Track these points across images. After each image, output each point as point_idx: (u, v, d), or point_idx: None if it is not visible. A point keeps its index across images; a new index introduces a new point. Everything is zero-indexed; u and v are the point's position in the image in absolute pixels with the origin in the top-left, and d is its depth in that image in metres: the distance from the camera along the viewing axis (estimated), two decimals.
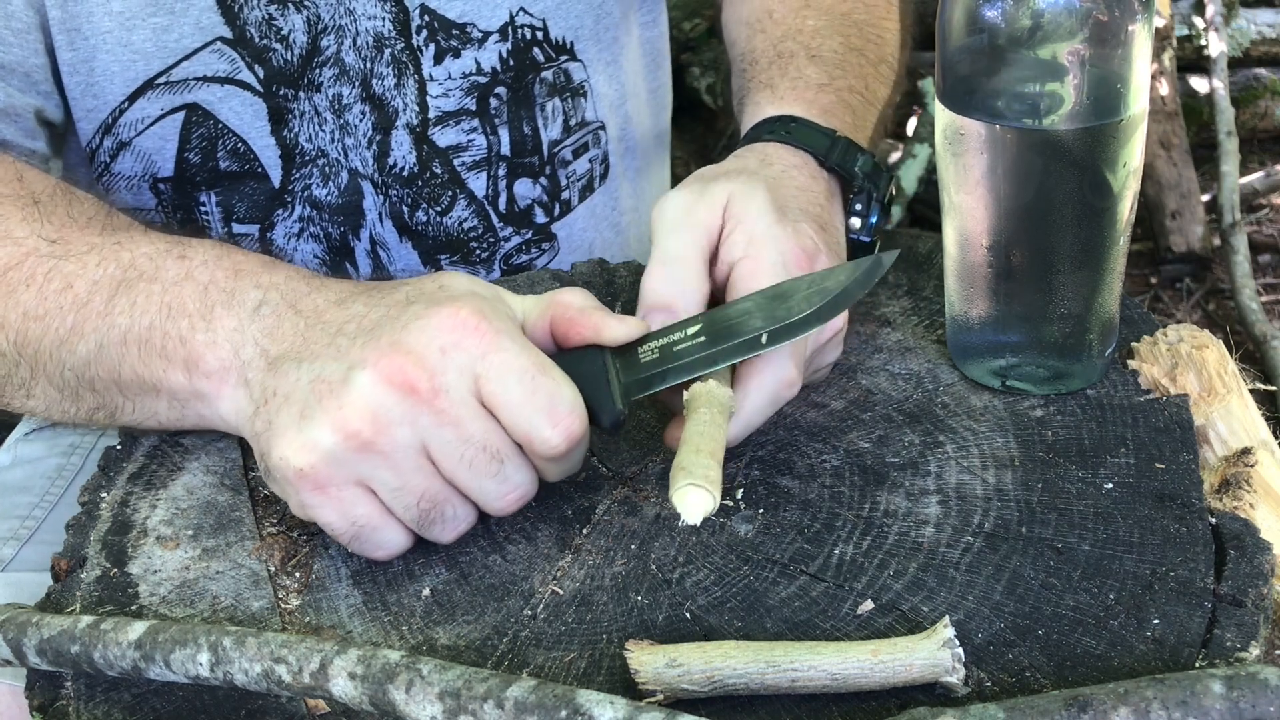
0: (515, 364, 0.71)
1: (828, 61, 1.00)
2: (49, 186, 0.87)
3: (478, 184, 1.10)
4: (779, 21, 1.05)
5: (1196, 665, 0.64)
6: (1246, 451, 0.78)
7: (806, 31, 1.03)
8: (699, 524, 0.66)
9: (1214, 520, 0.72)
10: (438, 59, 1.05)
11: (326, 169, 1.06)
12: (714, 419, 0.71)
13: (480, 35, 1.06)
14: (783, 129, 0.93)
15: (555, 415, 0.71)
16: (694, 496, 0.65)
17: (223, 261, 0.78)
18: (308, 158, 1.06)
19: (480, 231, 1.11)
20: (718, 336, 0.75)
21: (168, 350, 0.76)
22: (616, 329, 0.77)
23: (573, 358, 0.75)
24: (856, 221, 0.93)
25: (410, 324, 0.71)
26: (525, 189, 1.12)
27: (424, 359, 0.70)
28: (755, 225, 0.81)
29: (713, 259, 0.82)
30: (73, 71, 0.99)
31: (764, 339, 0.75)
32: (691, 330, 0.77)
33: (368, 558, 0.75)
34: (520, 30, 1.07)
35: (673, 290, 0.79)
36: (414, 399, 0.69)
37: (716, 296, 0.82)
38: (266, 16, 1.00)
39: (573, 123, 1.13)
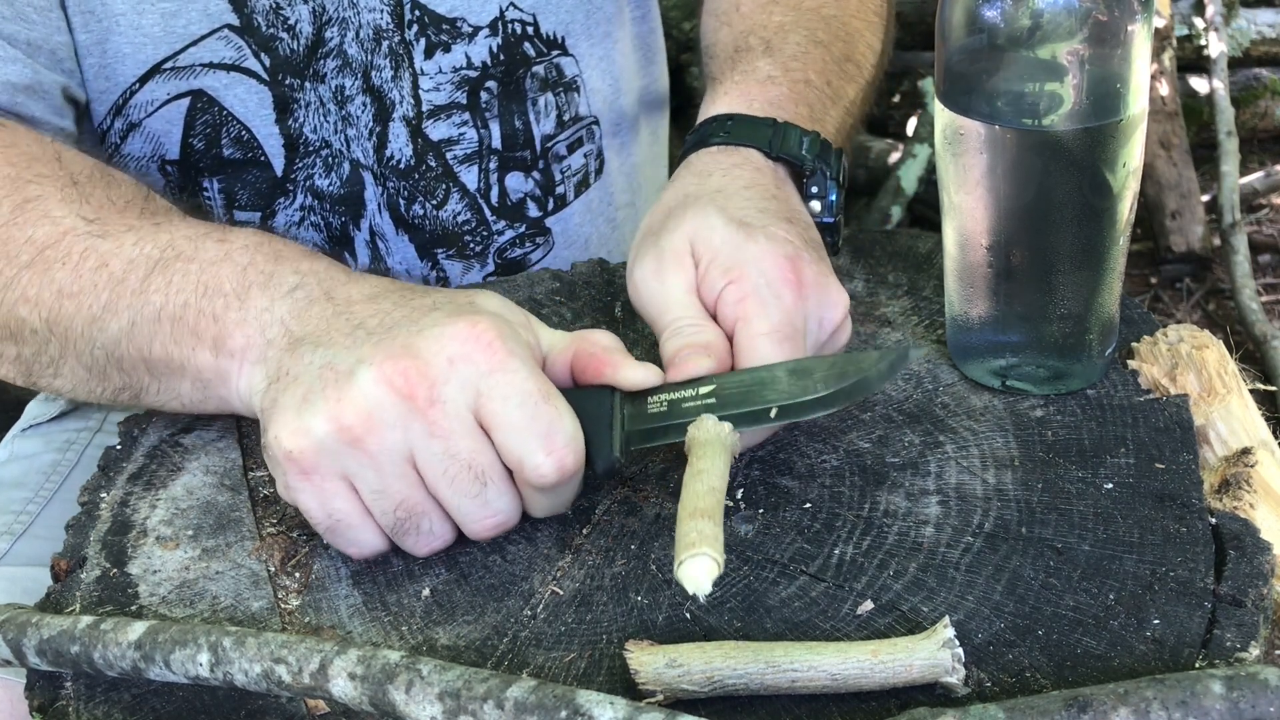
0: (520, 386, 0.70)
1: (785, 54, 0.98)
2: (87, 168, 0.87)
3: (469, 177, 1.10)
4: (745, 16, 1.04)
5: (1196, 665, 0.64)
6: (1246, 451, 0.78)
7: (770, 26, 1.02)
8: (708, 592, 0.64)
9: (1214, 520, 0.72)
10: (428, 53, 1.05)
11: (329, 159, 1.06)
12: (715, 468, 0.70)
13: (470, 30, 1.06)
14: (721, 130, 0.91)
15: (551, 443, 0.70)
16: (696, 567, 0.64)
17: (263, 247, 0.79)
18: (311, 148, 1.06)
19: (474, 225, 1.11)
20: (727, 402, 0.74)
21: (200, 328, 0.77)
22: (633, 374, 0.76)
23: (582, 395, 0.75)
24: (816, 205, 0.91)
25: (427, 329, 0.71)
26: (517, 182, 1.12)
27: (429, 367, 0.70)
28: (726, 253, 0.80)
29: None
30: (87, 53, 0.99)
31: (773, 413, 0.74)
32: (704, 390, 0.76)
33: (346, 554, 0.75)
34: (510, 25, 1.07)
35: (702, 341, 0.79)
36: (410, 405, 0.69)
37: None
38: (273, 6, 1.00)
39: (566, 118, 1.13)
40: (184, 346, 0.77)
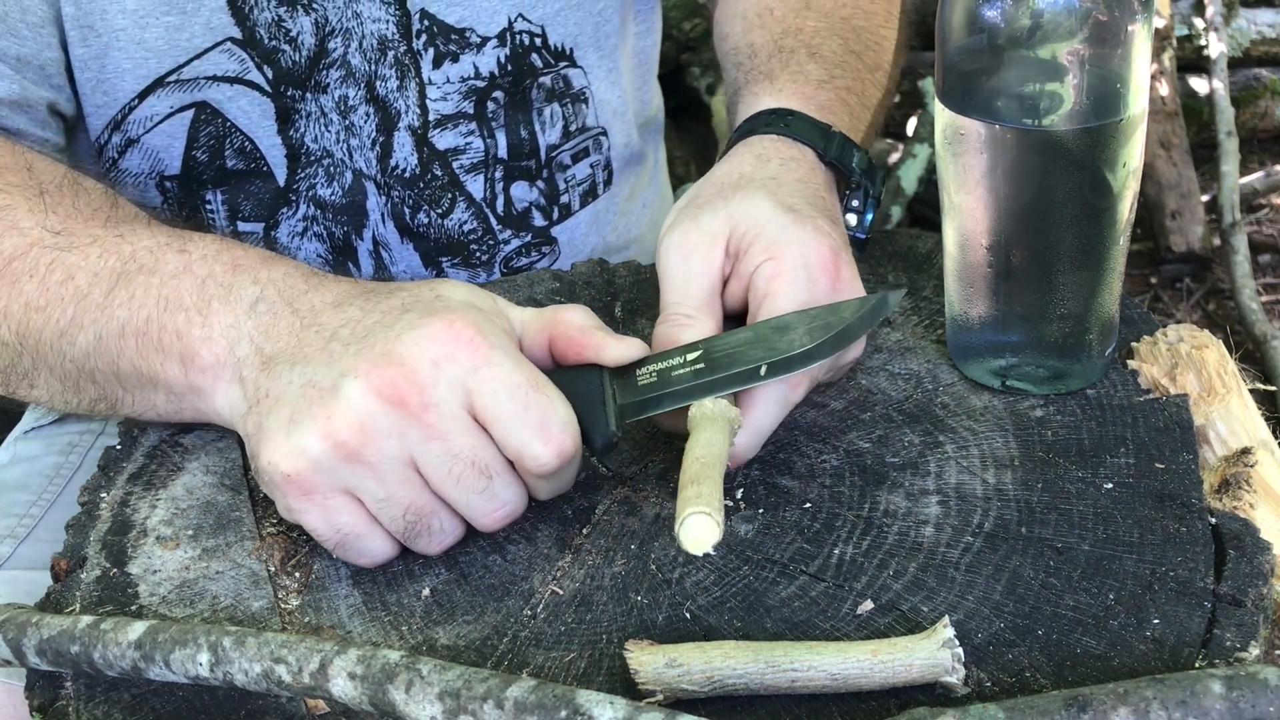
0: (508, 379, 0.70)
1: (828, 60, 1.00)
2: (57, 176, 0.87)
3: (476, 186, 1.10)
4: (779, 19, 1.05)
5: (1196, 665, 0.64)
6: (1246, 451, 0.78)
7: (807, 31, 1.03)
8: (710, 552, 0.64)
9: (1214, 520, 0.72)
10: (436, 63, 1.05)
11: (331, 169, 1.06)
12: (714, 440, 0.71)
13: (479, 40, 1.06)
14: (780, 122, 0.93)
15: (547, 432, 0.70)
16: (695, 526, 0.64)
17: (222, 256, 0.78)
18: (313, 158, 1.06)
19: (480, 234, 1.12)
20: (716, 365, 0.75)
21: (164, 344, 0.76)
22: (616, 350, 0.76)
23: (569, 376, 0.75)
24: (853, 219, 0.93)
25: (403, 334, 0.71)
26: (522, 191, 1.12)
27: (415, 371, 0.70)
28: (771, 233, 0.81)
29: (726, 282, 0.83)
30: (84, 67, 0.99)
31: (763, 370, 0.75)
32: (691, 357, 0.76)
33: (354, 565, 0.75)
34: (519, 36, 1.07)
35: (681, 338, 0.80)
36: (403, 412, 0.69)
37: (738, 311, 0.83)
38: (276, 18, 1.00)
39: (573, 128, 1.13)
40: (151, 361, 0.77)
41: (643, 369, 0.77)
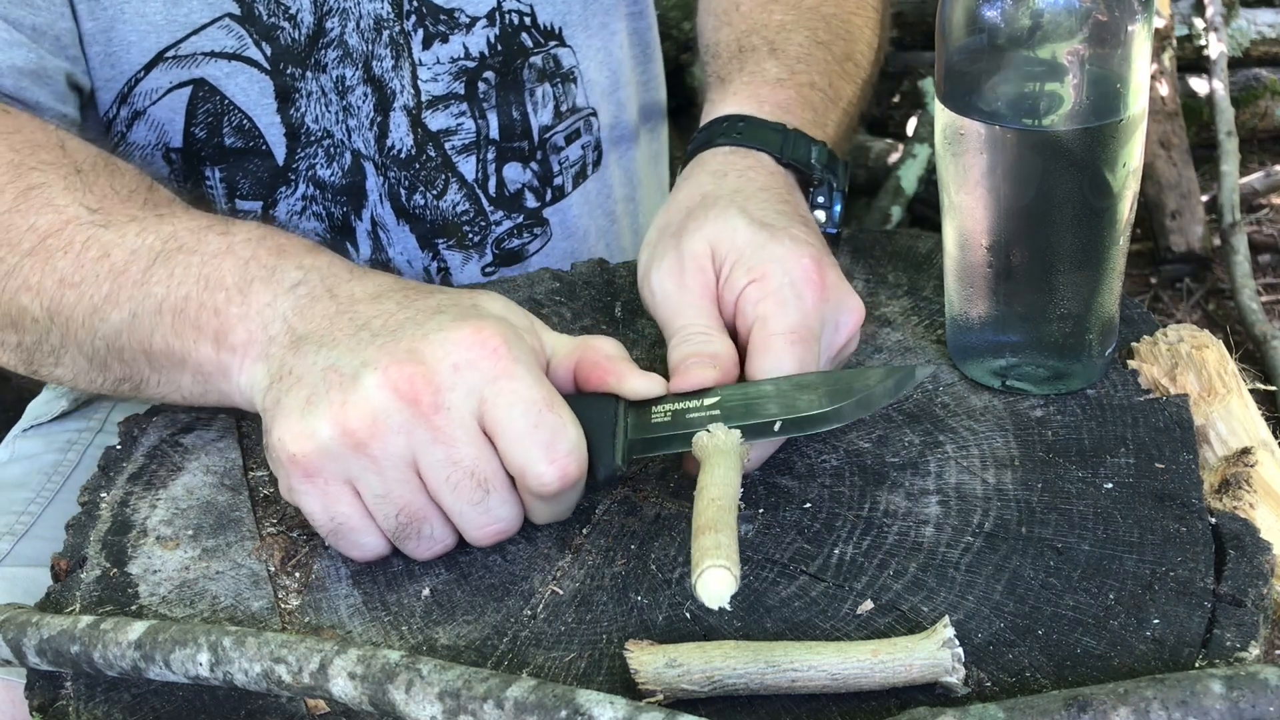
0: (524, 394, 0.70)
1: (789, 56, 0.99)
2: (91, 156, 0.87)
3: (467, 167, 1.10)
4: (745, 15, 1.04)
5: (1196, 665, 0.64)
6: (1246, 451, 0.78)
7: (772, 26, 1.02)
8: (726, 605, 0.64)
9: (1214, 520, 0.72)
10: (426, 43, 1.05)
11: (331, 149, 1.07)
12: (728, 479, 0.70)
13: (468, 21, 1.06)
14: (733, 130, 0.92)
15: (554, 452, 0.70)
16: (713, 580, 0.63)
17: (266, 240, 0.79)
18: (313, 138, 1.06)
19: (472, 215, 1.12)
20: (732, 414, 0.74)
21: (201, 321, 0.76)
22: (638, 383, 0.76)
23: (585, 402, 0.75)
24: (821, 215, 0.92)
25: (431, 334, 0.71)
26: (515, 173, 1.12)
27: (434, 372, 0.70)
28: (750, 254, 0.80)
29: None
30: (92, 41, 0.99)
31: (777, 426, 0.74)
32: (708, 402, 0.76)
33: (346, 556, 0.75)
34: (508, 15, 1.08)
35: (709, 351, 0.79)
36: (414, 410, 0.69)
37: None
38: None
39: (564, 108, 1.13)
40: (185, 339, 0.77)
41: (658, 406, 0.76)
